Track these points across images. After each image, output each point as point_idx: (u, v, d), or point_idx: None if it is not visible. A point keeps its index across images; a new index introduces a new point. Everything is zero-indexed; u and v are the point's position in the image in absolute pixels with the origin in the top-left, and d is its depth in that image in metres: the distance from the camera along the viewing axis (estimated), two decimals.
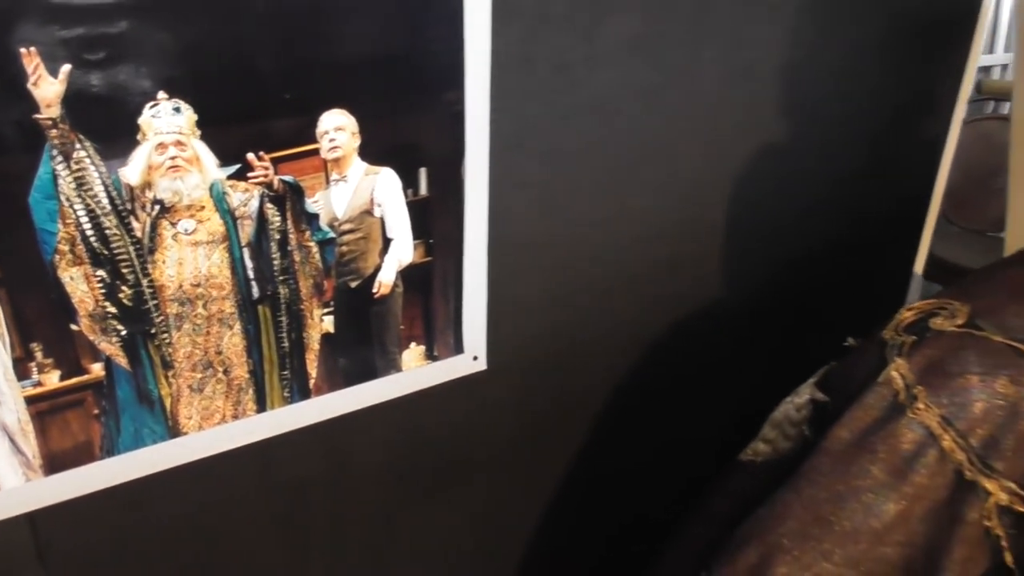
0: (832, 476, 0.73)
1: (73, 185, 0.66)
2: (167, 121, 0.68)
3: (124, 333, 0.73)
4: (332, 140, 0.77)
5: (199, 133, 0.70)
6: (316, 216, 0.80)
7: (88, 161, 0.66)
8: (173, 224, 0.73)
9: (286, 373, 0.84)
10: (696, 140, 1.08)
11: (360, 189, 0.81)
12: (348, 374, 0.88)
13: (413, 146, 0.83)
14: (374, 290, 0.86)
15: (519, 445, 1.11)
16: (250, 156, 0.73)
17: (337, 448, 0.93)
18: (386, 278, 0.87)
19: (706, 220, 1.16)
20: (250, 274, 0.78)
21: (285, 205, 0.78)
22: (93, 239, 0.69)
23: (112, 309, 0.72)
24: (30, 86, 0.61)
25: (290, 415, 0.86)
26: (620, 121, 0.99)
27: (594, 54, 0.92)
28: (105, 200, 0.68)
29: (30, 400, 0.71)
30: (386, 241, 0.86)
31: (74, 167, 0.66)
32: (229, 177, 0.74)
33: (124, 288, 0.72)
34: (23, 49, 0.60)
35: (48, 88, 0.62)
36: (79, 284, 0.70)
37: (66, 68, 0.62)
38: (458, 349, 0.96)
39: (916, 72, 1.33)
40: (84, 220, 0.68)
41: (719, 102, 1.07)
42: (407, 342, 0.92)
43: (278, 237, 0.79)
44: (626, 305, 1.13)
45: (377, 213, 0.84)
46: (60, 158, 0.65)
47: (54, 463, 0.74)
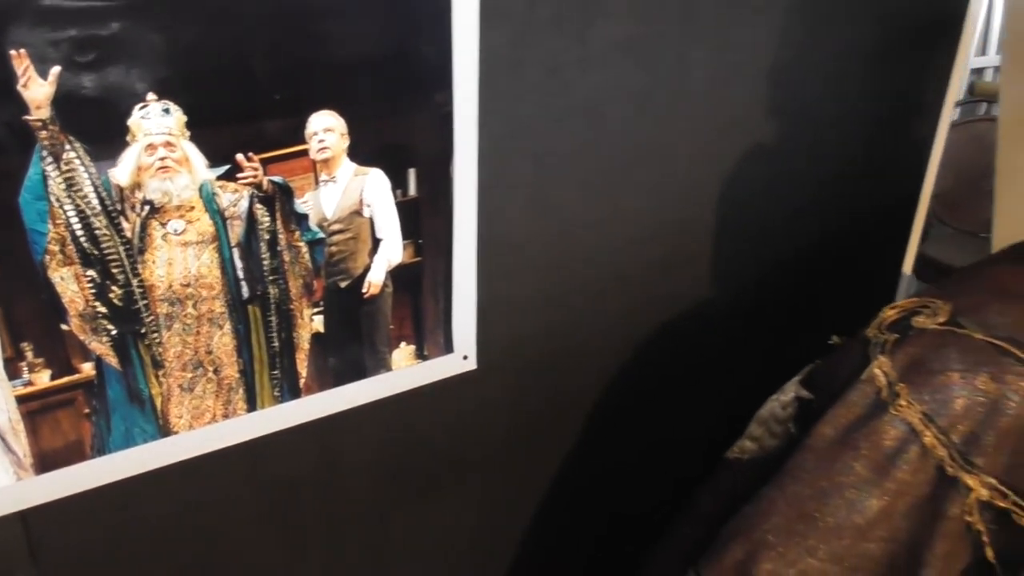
0: (816, 473, 0.73)
1: (63, 186, 0.67)
2: (156, 122, 0.68)
3: (114, 333, 0.74)
4: (321, 141, 0.77)
5: (188, 134, 0.70)
6: (305, 216, 0.81)
7: (78, 162, 0.67)
8: (163, 224, 0.73)
9: (276, 373, 0.85)
10: (686, 141, 1.09)
11: (349, 190, 0.82)
12: (338, 374, 0.89)
13: (402, 147, 0.84)
14: (364, 290, 0.87)
15: (510, 444, 1.12)
16: (239, 157, 0.74)
17: (328, 447, 0.93)
18: (376, 278, 0.87)
19: (697, 221, 1.17)
20: (240, 274, 0.79)
21: (274, 205, 0.79)
22: (83, 239, 0.70)
23: (102, 309, 0.72)
24: (20, 88, 0.62)
25: (280, 414, 0.87)
26: (611, 123, 0.99)
27: (584, 56, 0.93)
28: (95, 201, 0.69)
29: (21, 399, 0.72)
30: (375, 241, 0.86)
31: (64, 168, 0.66)
32: (218, 178, 0.74)
33: (114, 288, 0.72)
34: (13, 51, 0.60)
35: (38, 90, 0.62)
36: (69, 284, 0.70)
37: (56, 70, 0.62)
38: (448, 349, 0.97)
39: (904, 74, 1.34)
40: (74, 220, 0.69)
41: (709, 104, 1.08)
42: (397, 342, 0.92)
43: (268, 237, 0.79)
44: (617, 305, 1.14)
45: (366, 213, 0.84)
46: (50, 159, 0.65)
47: (45, 462, 0.75)
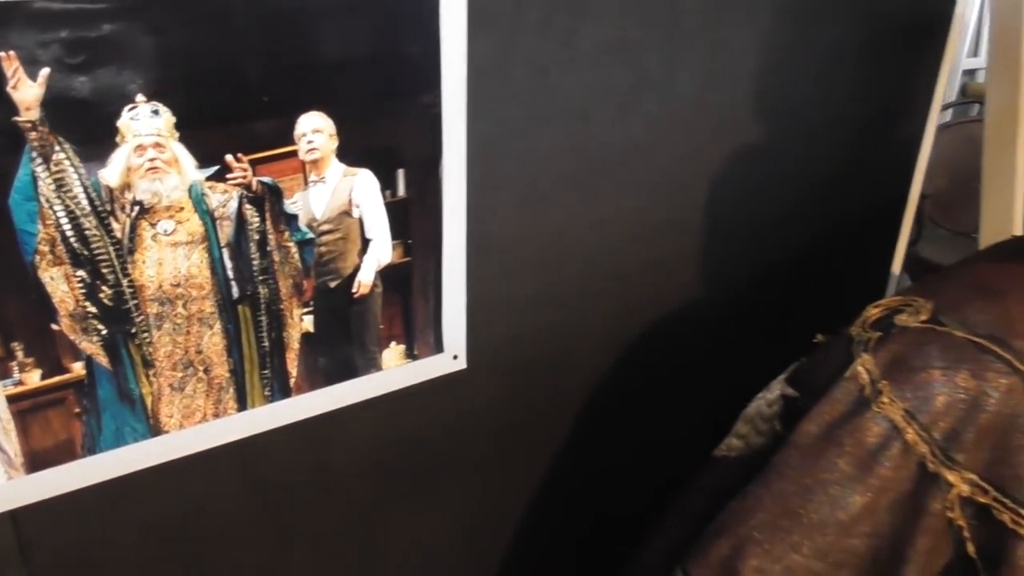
0: (800, 469, 0.74)
1: (53, 187, 0.68)
2: (146, 124, 0.69)
3: (105, 333, 0.74)
4: (310, 142, 0.78)
5: (178, 135, 0.71)
6: (295, 217, 0.81)
7: (68, 163, 0.67)
8: (152, 225, 0.74)
9: (266, 372, 0.85)
10: (674, 142, 1.09)
11: (338, 190, 0.83)
12: (328, 373, 0.90)
13: (391, 148, 0.85)
14: (353, 290, 0.88)
15: (500, 444, 1.12)
16: (228, 158, 0.74)
17: (318, 446, 0.94)
18: (365, 278, 0.88)
19: (686, 221, 1.18)
20: (230, 274, 0.80)
21: (264, 206, 0.79)
22: (73, 240, 0.70)
23: (93, 309, 0.73)
24: (9, 89, 0.62)
25: (271, 414, 0.87)
26: (598, 124, 1.00)
27: (572, 58, 0.93)
28: (85, 201, 0.70)
29: (11, 399, 0.72)
30: (365, 242, 0.87)
31: (54, 169, 0.67)
32: (208, 178, 0.75)
33: (104, 288, 0.73)
34: (2, 53, 0.61)
35: (27, 91, 0.63)
36: (60, 284, 0.71)
37: (45, 72, 0.63)
38: (438, 348, 0.97)
39: (892, 74, 1.35)
40: (64, 221, 0.69)
41: (696, 105, 1.09)
42: (387, 341, 0.93)
43: (257, 238, 0.80)
44: (606, 305, 1.14)
45: (355, 214, 0.85)
46: (40, 160, 0.66)
47: (36, 461, 0.75)
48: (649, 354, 1.23)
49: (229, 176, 0.75)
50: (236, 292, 0.81)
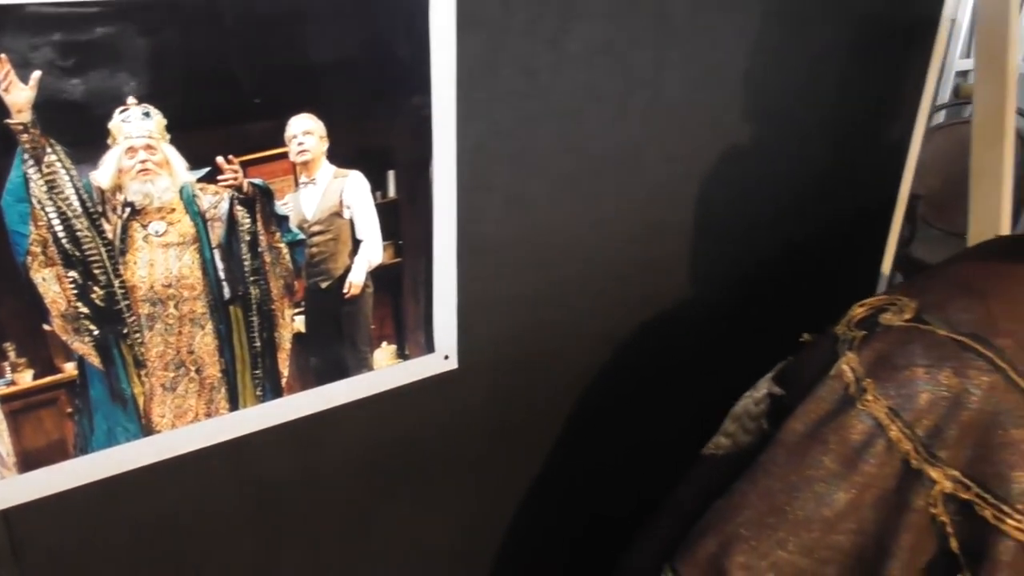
0: (786, 467, 0.75)
1: (44, 188, 0.68)
2: (137, 125, 0.70)
3: (96, 333, 0.75)
4: (300, 144, 0.79)
5: (169, 137, 0.72)
6: (286, 218, 0.82)
7: (59, 165, 0.68)
8: (144, 226, 0.74)
9: (258, 372, 0.86)
10: (664, 143, 1.10)
11: (329, 191, 0.83)
12: (320, 373, 0.90)
13: (381, 149, 0.85)
14: (345, 291, 0.88)
15: (491, 444, 1.13)
16: (219, 160, 0.75)
17: (309, 446, 0.94)
18: (356, 279, 0.88)
19: (675, 222, 1.19)
20: (221, 275, 0.80)
21: (255, 207, 0.80)
22: (65, 241, 0.71)
23: (84, 309, 0.73)
24: (1, 92, 0.63)
25: (262, 413, 0.88)
26: (588, 125, 1.01)
27: (561, 59, 0.94)
28: (76, 203, 0.70)
29: (3, 399, 0.72)
30: (356, 242, 0.87)
31: (45, 171, 0.67)
32: (199, 180, 0.75)
33: (96, 289, 0.74)
34: None
35: (19, 94, 0.64)
36: (51, 285, 0.71)
37: (36, 74, 0.64)
38: (429, 348, 0.98)
39: (881, 75, 1.36)
40: (56, 222, 0.70)
41: (686, 106, 1.10)
42: (378, 342, 0.93)
43: (248, 239, 0.80)
44: (596, 305, 1.15)
45: (346, 215, 0.85)
46: (31, 162, 0.67)
47: (28, 461, 0.75)
48: (640, 354, 1.24)
49: (220, 178, 0.76)
50: (227, 293, 0.81)
